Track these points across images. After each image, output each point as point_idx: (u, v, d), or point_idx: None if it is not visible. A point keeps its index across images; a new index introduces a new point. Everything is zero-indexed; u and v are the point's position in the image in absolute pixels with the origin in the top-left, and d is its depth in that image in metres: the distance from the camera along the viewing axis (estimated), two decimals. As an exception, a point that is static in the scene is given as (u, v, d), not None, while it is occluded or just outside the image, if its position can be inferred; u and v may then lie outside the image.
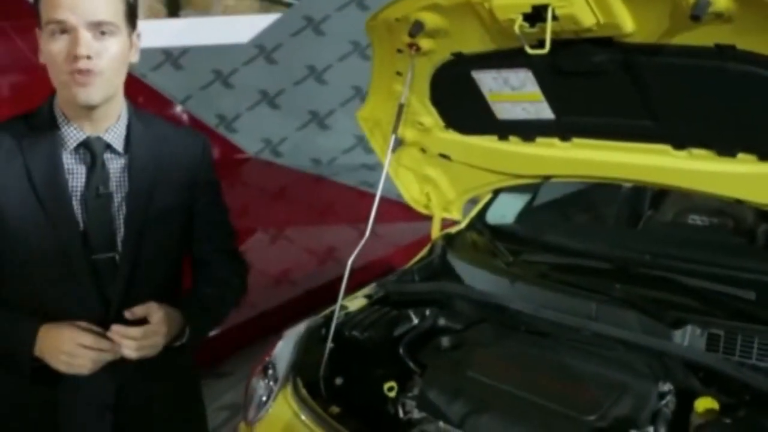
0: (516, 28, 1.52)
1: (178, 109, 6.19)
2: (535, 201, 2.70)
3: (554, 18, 1.48)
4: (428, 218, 2.60)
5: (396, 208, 2.80)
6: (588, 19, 1.47)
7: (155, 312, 1.43)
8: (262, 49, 6.15)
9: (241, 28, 6.28)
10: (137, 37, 1.47)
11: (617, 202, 2.82)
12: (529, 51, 1.56)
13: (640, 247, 2.12)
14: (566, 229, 2.52)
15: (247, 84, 6.24)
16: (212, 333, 1.77)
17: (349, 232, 5.38)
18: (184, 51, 6.08)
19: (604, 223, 2.77)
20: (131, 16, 1.43)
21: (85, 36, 1.33)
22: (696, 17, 1.29)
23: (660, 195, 2.77)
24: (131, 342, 1.40)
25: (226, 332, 3.31)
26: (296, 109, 6.36)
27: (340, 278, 5.19)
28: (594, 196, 2.84)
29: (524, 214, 2.60)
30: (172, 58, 6.06)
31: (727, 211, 2.48)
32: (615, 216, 2.82)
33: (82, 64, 1.33)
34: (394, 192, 2.02)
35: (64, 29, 1.33)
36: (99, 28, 1.35)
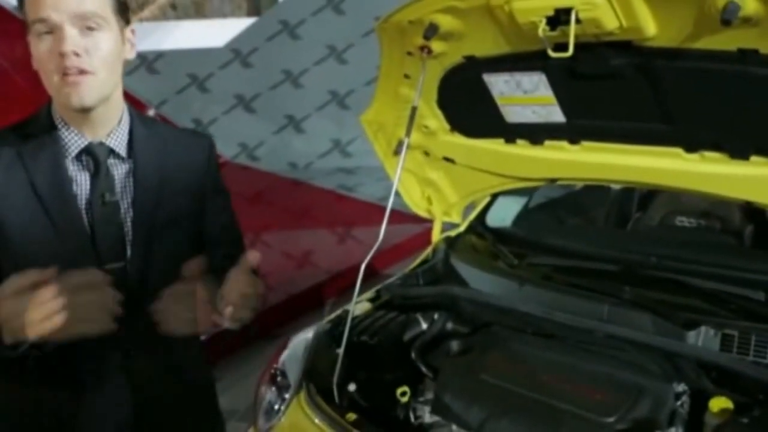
0: (540, 32, 1.52)
1: (153, 113, 6.13)
2: (530, 203, 2.71)
3: (577, 21, 1.49)
4: (409, 222, 2.57)
5: (376, 212, 2.80)
6: (611, 22, 1.47)
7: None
8: (238, 53, 6.12)
9: (217, 32, 6.22)
10: (132, 33, 1.41)
11: (607, 204, 2.85)
12: (552, 54, 1.56)
13: (645, 248, 2.13)
14: (569, 232, 2.53)
15: (222, 88, 6.22)
16: (202, 338, 1.71)
17: (326, 236, 5.37)
18: (159, 55, 6.03)
19: (604, 226, 2.79)
20: (122, 10, 1.37)
21: (71, 32, 1.27)
22: (726, 21, 1.30)
23: (648, 196, 2.81)
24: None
25: (213, 338, 3.28)
26: (272, 113, 6.35)
27: (322, 283, 5.14)
28: (586, 198, 2.86)
29: (522, 217, 2.60)
30: (147, 62, 6.01)
31: (714, 212, 2.51)
32: (605, 217, 2.84)
33: (70, 62, 1.27)
34: (376, 196, 2.01)
35: (49, 28, 1.27)
36: (85, 23, 1.29)
